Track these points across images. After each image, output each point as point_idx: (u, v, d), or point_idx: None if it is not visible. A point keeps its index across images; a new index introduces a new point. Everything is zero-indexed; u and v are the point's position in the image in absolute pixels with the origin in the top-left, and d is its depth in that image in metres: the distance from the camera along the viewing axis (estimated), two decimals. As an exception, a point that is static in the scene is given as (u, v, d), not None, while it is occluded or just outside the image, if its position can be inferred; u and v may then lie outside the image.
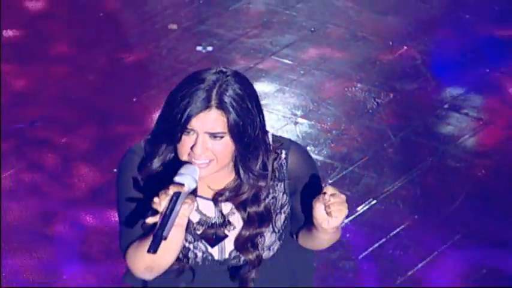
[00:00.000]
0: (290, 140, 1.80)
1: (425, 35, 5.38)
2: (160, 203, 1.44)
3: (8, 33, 5.65)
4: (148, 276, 1.72)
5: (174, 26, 5.59)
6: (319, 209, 1.53)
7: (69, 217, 4.23)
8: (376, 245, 3.86)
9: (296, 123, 4.70)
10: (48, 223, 4.21)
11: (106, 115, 5.12)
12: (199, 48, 5.26)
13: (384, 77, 5.00)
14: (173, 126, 1.53)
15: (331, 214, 1.50)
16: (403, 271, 3.69)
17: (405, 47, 5.31)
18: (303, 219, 1.77)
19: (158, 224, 1.43)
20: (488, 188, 4.14)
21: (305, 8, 5.57)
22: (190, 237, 1.75)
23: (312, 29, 5.35)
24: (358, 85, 4.98)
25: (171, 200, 1.43)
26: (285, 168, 1.75)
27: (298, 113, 4.79)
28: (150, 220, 1.47)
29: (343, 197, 1.53)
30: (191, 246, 1.77)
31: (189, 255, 1.78)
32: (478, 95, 5.04)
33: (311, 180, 1.77)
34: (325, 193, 1.52)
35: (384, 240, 3.87)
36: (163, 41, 5.51)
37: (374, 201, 4.07)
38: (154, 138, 1.66)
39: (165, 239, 1.41)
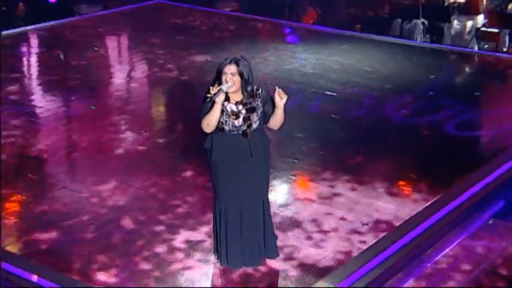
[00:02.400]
0: (262, 87, 4.50)
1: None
2: (214, 90, 4.15)
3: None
4: (209, 129, 4.35)
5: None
6: (276, 96, 4.21)
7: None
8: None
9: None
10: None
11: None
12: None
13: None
14: (219, 73, 4.26)
15: (281, 96, 4.22)
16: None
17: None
18: (269, 113, 4.42)
19: (212, 95, 4.15)
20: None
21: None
22: (227, 116, 4.36)
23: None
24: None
25: (218, 90, 4.15)
26: (259, 93, 4.42)
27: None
28: (209, 95, 4.19)
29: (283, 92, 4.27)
30: (229, 121, 4.37)
31: (227, 123, 4.37)
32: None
33: (270, 99, 4.36)
34: (275, 89, 4.22)
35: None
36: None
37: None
38: (213, 81, 4.33)
39: (214, 102, 4.14)
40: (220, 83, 4.37)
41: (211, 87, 4.43)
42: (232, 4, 12.56)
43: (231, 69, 4.45)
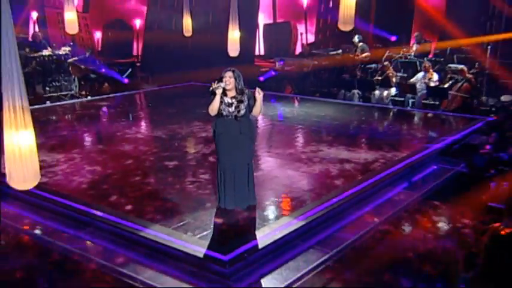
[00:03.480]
0: (247, 88, 5.14)
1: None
2: (214, 85, 4.97)
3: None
4: (213, 113, 5.06)
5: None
6: (256, 92, 4.97)
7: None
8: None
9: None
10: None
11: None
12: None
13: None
14: (221, 77, 5.01)
15: (259, 92, 4.99)
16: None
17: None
18: (252, 106, 5.08)
19: (213, 88, 4.96)
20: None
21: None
22: (225, 106, 5.05)
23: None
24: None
25: (217, 86, 4.97)
26: (246, 92, 5.08)
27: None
28: (211, 88, 5.00)
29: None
30: (226, 108, 5.04)
31: (225, 110, 5.05)
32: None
33: (253, 96, 5.05)
34: (256, 88, 5.04)
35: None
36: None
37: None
38: (216, 81, 5.00)
39: (215, 93, 4.96)
40: (220, 82, 5.03)
41: (212, 83, 5.04)
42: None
43: (229, 74, 5.06)
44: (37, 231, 5.62)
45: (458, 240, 5.10)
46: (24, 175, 3.52)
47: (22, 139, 3.51)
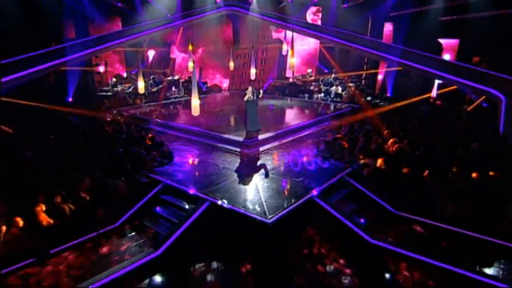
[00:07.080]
0: (257, 90, 7.91)
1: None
2: (246, 91, 7.76)
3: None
4: (244, 99, 7.64)
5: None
6: (260, 90, 7.61)
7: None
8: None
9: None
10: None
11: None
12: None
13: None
14: (247, 87, 7.66)
15: (261, 90, 7.61)
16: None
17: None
18: (258, 96, 7.72)
19: (244, 92, 7.68)
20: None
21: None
22: (249, 96, 7.64)
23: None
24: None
25: (246, 91, 7.76)
26: (255, 91, 7.67)
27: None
28: (245, 91, 7.73)
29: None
30: (250, 97, 7.66)
31: (250, 98, 7.65)
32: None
33: (258, 92, 7.79)
34: (259, 89, 7.70)
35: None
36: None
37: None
38: (246, 89, 7.83)
39: (246, 94, 7.66)
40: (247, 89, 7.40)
41: (246, 91, 7.27)
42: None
43: (250, 86, 7.19)
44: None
45: (327, 140, 8.65)
46: (196, 110, 7.64)
47: (195, 100, 7.62)
